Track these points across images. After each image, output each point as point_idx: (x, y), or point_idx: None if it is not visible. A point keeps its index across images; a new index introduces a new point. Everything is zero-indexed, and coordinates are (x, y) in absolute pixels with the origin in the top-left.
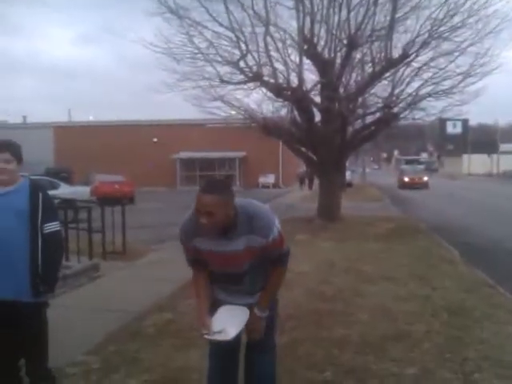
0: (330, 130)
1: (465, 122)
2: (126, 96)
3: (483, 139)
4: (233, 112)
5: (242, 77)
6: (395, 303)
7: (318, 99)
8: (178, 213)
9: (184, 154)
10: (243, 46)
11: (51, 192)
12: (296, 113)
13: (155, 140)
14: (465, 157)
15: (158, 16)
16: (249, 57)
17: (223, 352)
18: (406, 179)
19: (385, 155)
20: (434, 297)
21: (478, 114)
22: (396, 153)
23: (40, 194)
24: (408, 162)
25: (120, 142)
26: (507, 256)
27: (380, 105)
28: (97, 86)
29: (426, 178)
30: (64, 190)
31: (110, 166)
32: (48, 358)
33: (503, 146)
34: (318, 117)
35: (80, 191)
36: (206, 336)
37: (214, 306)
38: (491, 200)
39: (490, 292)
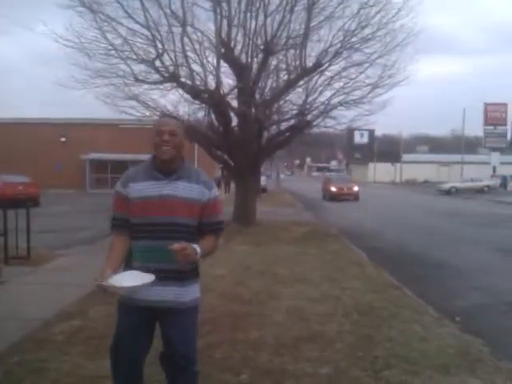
0: (247, 134)
1: (371, 132)
2: (32, 92)
3: (388, 149)
4: (147, 113)
5: (157, 76)
6: (308, 305)
7: (235, 103)
8: (86, 216)
9: (95, 155)
10: (159, 45)
11: None
12: (213, 116)
13: (63, 139)
14: (371, 165)
15: (69, 9)
16: (165, 56)
17: (126, 357)
18: (334, 189)
19: (298, 162)
20: (344, 298)
21: (383, 126)
22: (308, 160)
23: None
24: (319, 169)
25: (24, 141)
26: (410, 259)
27: (295, 112)
28: None
29: (356, 188)
30: None
31: (13, 166)
32: None
33: (405, 156)
34: (234, 121)
35: None
36: (98, 282)
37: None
38: (396, 207)
39: (396, 293)
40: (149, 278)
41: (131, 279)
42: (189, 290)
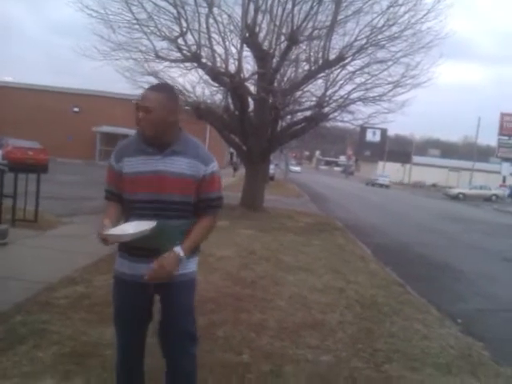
0: (262, 121)
1: (383, 131)
2: (51, 60)
3: (398, 149)
4: None
5: (178, 55)
6: (311, 293)
7: (252, 89)
8: (93, 187)
9: (106, 128)
10: (184, 24)
11: None
12: (230, 100)
13: (76, 110)
14: (380, 164)
15: None
16: (188, 35)
17: (126, 328)
18: None
19: (307, 154)
20: (347, 290)
21: (396, 125)
22: (318, 153)
23: None
24: (327, 163)
25: (37, 108)
26: (414, 258)
27: (312, 103)
28: (17, 46)
29: None
30: None
31: (24, 131)
32: None
33: (416, 158)
34: (251, 107)
35: None
36: (100, 233)
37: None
38: (402, 207)
39: (400, 290)
40: (150, 224)
41: (132, 227)
42: (187, 262)
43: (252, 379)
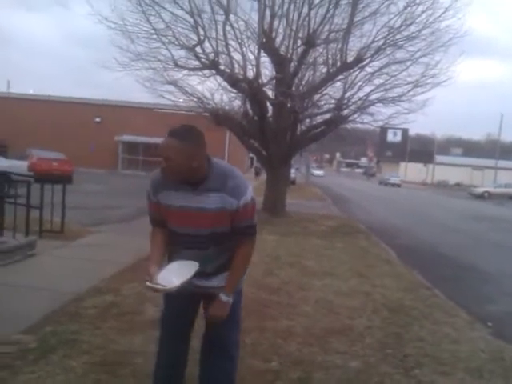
0: (282, 125)
1: (405, 131)
2: (71, 72)
3: (420, 149)
4: (181, 99)
5: (197, 63)
6: (338, 298)
7: (270, 94)
8: (118, 196)
9: (128, 137)
10: (201, 32)
11: None
12: (249, 106)
13: (98, 120)
14: (402, 164)
15: None
16: (206, 43)
17: (173, 336)
18: None
19: (327, 156)
20: (374, 294)
21: (416, 125)
22: (338, 155)
23: None
24: (349, 165)
25: (60, 119)
26: (440, 260)
27: (331, 105)
28: (39, 58)
29: None
30: (0, 163)
31: (47, 142)
32: None
33: (438, 158)
34: (269, 112)
35: (17, 165)
36: (148, 284)
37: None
38: (427, 208)
39: (427, 293)
40: (194, 265)
41: (178, 273)
42: None
43: None
